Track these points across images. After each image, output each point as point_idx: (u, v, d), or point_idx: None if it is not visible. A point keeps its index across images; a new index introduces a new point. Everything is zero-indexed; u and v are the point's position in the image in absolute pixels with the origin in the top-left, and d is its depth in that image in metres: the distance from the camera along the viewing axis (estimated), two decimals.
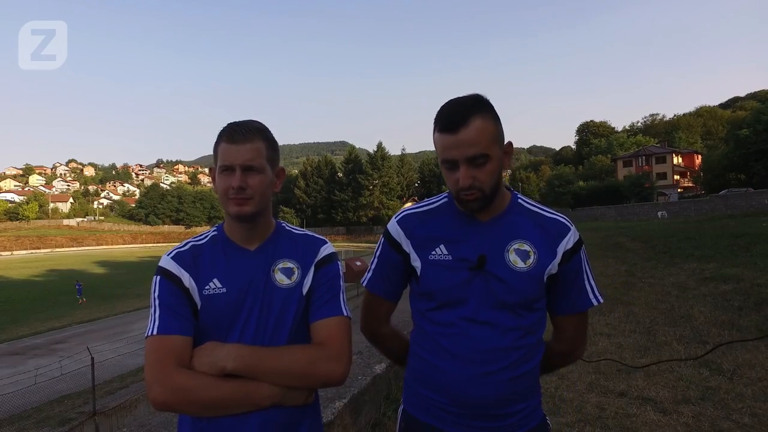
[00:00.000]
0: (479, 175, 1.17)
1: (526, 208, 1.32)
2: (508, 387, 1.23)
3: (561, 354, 1.40)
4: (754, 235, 12.71)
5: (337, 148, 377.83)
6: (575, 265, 1.29)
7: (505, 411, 1.24)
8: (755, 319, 6.01)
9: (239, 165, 1.18)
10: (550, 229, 1.28)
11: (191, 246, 1.28)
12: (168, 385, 1.08)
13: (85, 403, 10.03)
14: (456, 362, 1.24)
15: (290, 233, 1.34)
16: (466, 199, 1.20)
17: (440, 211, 1.33)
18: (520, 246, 1.25)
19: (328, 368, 1.17)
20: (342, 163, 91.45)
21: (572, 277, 1.29)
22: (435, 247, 1.28)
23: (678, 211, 38.54)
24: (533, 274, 1.24)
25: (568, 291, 1.31)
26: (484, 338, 1.23)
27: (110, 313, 23.08)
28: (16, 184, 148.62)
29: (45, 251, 74.07)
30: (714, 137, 75.91)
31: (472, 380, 1.22)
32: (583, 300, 1.32)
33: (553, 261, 1.26)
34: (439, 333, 1.27)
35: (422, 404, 1.30)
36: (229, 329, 1.19)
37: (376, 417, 3.43)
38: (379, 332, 1.48)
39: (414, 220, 1.34)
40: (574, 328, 1.37)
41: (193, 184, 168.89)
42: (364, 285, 1.42)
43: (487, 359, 1.22)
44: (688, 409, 3.51)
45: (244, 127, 1.22)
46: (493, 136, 1.18)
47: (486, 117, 1.17)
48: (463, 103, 1.18)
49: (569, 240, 1.27)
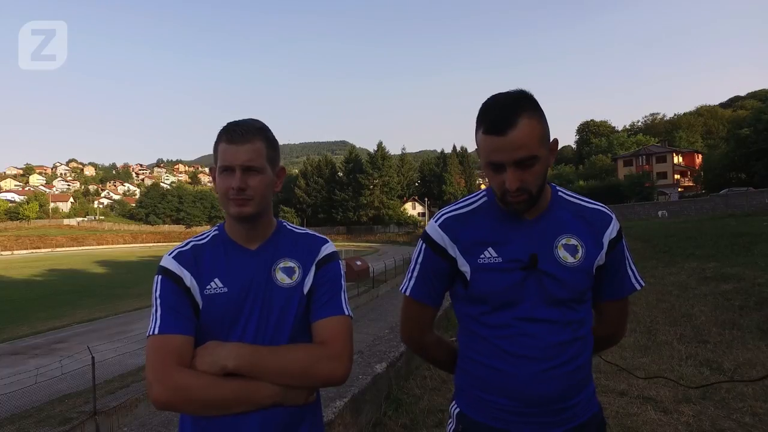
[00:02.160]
0: (527, 177, 1.13)
1: (568, 201, 1.31)
2: (569, 380, 1.23)
3: (605, 337, 1.41)
4: (755, 235, 12.72)
5: (337, 148, 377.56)
6: (619, 252, 1.30)
7: (568, 404, 1.23)
8: (756, 319, 6.01)
9: (239, 166, 1.17)
10: (594, 220, 1.28)
11: (192, 245, 1.27)
12: (169, 384, 1.08)
13: (86, 403, 10.03)
14: (519, 362, 1.22)
15: (291, 232, 1.34)
16: (513, 201, 1.17)
17: (481, 212, 1.29)
18: (568, 241, 1.24)
19: (329, 368, 1.16)
20: (342, 163, 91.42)
21: (616, 265, 1.31)
22: (483, 251, 1.24)
23: (678, 210, 38.53)
24: (584, 267, 1.23)
25: (612, 278, 1.32)
26: (543, 335, 1.21)
27: (110, 313, 23.07)
28: (17, 184, 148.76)
29: (45, 251, 74.06)
30: (714, 136, 75.83)
31: (537, 378, 1.21)
32: (627, 285, 1.34)
33: (600, 252, 1.26)
34: (496, 335, 1.24)
35: (484, 408, 1.28)
36: (230, 329, 1.19)
37: (377, 416, 3.43)
38: (425, 340, 1.44)
39: (456, 222, 1.28)
40: (618, 312, 1.39)
41: (194, 184, 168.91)
42: (407, 293, 1.35)
43: (549, 355, 1.21)
44: (689, 408, 3.51)
45: (244, 126, 1.21)
46: (540, 136, 1.14)
47: (533, 116, 1.13)
48: (510, 103, 1.12)
49: (613, 229, 1.28)
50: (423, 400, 3.89)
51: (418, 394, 4.03)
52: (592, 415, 1.29)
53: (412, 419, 3.51)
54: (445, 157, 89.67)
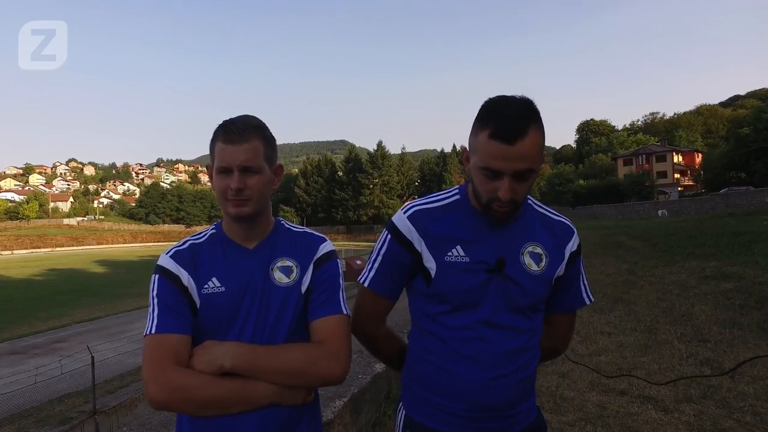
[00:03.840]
0: (519, 189, 1.13)
1: (535, 209, 1.32)
2: (518, 388, 1.24)
3: (551, 350, 1.43)
4: (755, 234, 12.70)
5: (337, 147, 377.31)
6: (576, 266, 1.33)
7: (513, 411, 1.25)
8: (756, 318, 5.99)
9: (237, 166, 1.16)
10: (558, 231, 1.30)
11: (190, 244, 1.27)
12: (165, 383, 1.08)
13: (86, 402, 10.03)
14: (472, 366, 1.21)
15: (289, 231, 1.33)
16: (499, 210, 1.15)
17: (454, 209, 1.26)
18: (534, 249, 1.25)
19: (327, 367, 1.15)
20: (342, 162, 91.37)
21: (572, 278, 1.33)
22: (451, 248, 1.21)
23: (678, 209, 38.55)
24: (545, 276, 1.25)
25: (566, 291, 1.34)
26: (499, 341, 1.21)
27: (110, 313, 23.06)
28: (17, 184, 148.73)
29: (45, 250, 73.98)
30: (714, 135, 75.86)
31: (488, 384, 1.21)
32: (578, 299, 1.37)
33: (561, 263, 1.28)
34: (452, 337, 1.23)
35: (429, 409, 1.26)
36: (228, 328, 1.18)
37: (377, 416, 3.42)
38: (376, 333, 1.41)
39: (426, 216, 1.25)
40: (567, 325, 1.42)
41: (194, 183, 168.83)
42: (365, 283, 1.32)
43: (502, 362, 1.21)
44: (690, 407, 3.50)
45: (241, 125, 1.19)
46: (542, 149, 1.13)
47: (539, 129, 1.11)
48: (521, 112, 1.08)
49: (574, 242, 1.31)
50: None
51: None
52: (533, 420, 1.31)
53: None
54: (444, 157, 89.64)
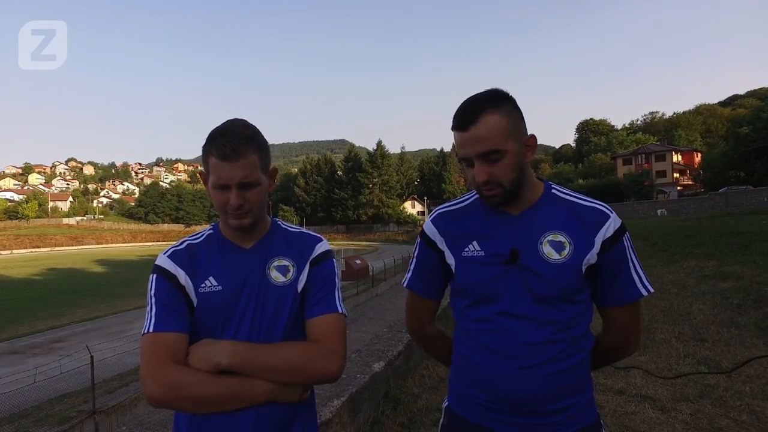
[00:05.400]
0: (495, 171, 1.18)
1: (561, 198, 1.29)
2: (553, 382, 1.20)
3: (612, 348, 1.36)
4: (754, 233, 12.70)
5: (336, 147, 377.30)
6: (617, 254, 1.23)
7: (553, 407, 1.20)
8: (754, 317, 6.01)
9: (235, 184, 1.17)
10: (586, 218, 1.24)
11: (187, 244, 1.28)
12: (162, 381, 1.09)
13: (85, 402, 10.04)
14: (493, 357, 1.22)
15: (285, 231, 1.35)
16: (487, 194, 1.22)
17: (471, 208, 1.34)
18: (554, 237, 1.22)
19: (323, 365, 1.17)
20: (342, 162, 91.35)
21: (616, 267, 1.24)
22: (467, 244, 1.28)
23: (677, 209, 38.52)
24: (569, 265, 1.20)
25: (613, 282, 1.25)
26: (521, 332, 1.20)
27: (109, 312, 23.07)
28: (16, 183, 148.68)
29: (45, 250, 74.02)
30: (714, 135, 75.87)
31: (511, 375, 1.20)
32: (630, 290, 1.26)
33: (591, 251, 1.21)
34: (476, 329, 1.27)
35: (466, 402, 1.30)
36: (225, 327, 1.19)
37: (375, 415, 3.43)
38: (424, 332, 1.49)
39: (446, 218, 1.35)
40: (623, 320, 1.31)
41: (193, 183, 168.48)
42: (404, 284, 1.44)
43: (524, 353, 1.20)
44: (687, 406, 3.51)
45: (234, 140, 1.15)
46: (505, 130, 1.16)
47: (499, 112, 1.17)
48: (475, 100, 1.19)
49: (608, 228, 1.22)
50: (421, 398, 3.90)
51: (416, 392, 4.03)
52: (588, 423, 1.24)
53: (410, 418, 3.52)
54: (444, 156, 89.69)
